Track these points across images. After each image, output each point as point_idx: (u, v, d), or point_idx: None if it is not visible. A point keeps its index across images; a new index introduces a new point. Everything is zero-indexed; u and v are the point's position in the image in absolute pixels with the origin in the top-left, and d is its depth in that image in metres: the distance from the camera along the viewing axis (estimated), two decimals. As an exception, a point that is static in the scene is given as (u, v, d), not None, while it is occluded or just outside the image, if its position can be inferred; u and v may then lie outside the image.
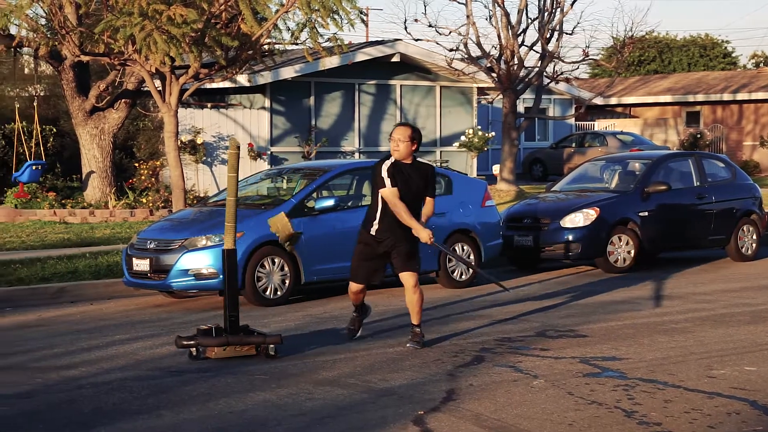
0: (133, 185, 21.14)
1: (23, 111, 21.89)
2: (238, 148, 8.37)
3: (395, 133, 8.79)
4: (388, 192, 8.65)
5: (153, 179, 21.59)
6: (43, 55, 18.06)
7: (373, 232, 8.81)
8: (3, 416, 6.70)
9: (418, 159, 8.94)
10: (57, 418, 6.65)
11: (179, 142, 18.45)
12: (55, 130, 24.03)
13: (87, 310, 11.52)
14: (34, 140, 21.50)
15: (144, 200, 19.98)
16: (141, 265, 11.62)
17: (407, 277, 8.76)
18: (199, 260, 11.30)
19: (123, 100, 20.00)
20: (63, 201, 19.75)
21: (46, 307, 11.63)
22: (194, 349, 8.34)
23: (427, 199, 8.84)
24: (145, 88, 19.33)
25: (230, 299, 8.48)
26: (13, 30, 18.02)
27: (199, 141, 22.57)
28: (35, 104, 21.73)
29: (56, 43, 16.71)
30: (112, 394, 7.26)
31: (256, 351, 8.40)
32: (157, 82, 16.69)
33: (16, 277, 12.57)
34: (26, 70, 28.90)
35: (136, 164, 22.42)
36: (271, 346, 8.37)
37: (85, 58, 17.44)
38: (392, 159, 8.76)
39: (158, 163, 22.09)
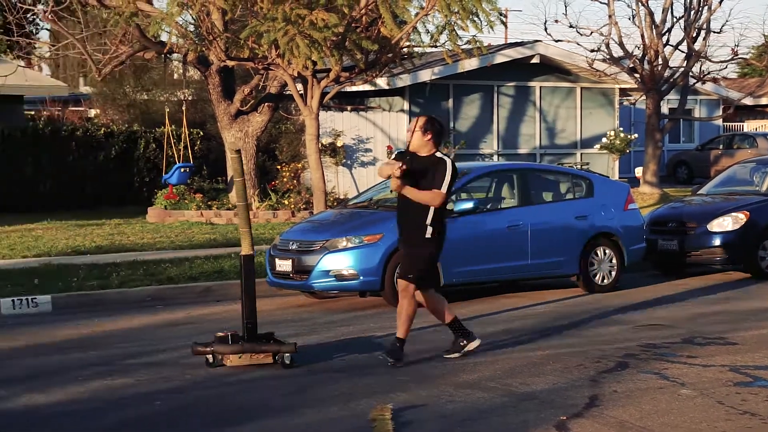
0: (275, 187, 21.55)
1: (172, 115, 22.57)
2: (238, 152, 8.58)
3: (411, 123, 8.39)
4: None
5: (294, 181, 21.96)
6: (191, 60, 18.60)
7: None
8: (159, 411, 6.93)
9: (437, 154, 8.34)
10: (209, 414, 6.84)
11: (320, 145, 18.71)
12: (202, 133, 24.70)
13: (231, 309, 11.78)
14: (182, 143, 22.13)
15: (286, 202, 20.34)
16: (283, 265, 11.83)
17: (399, 283, 8.45)
18: (340, 261, 11.43)
19: (266, 104, 20.41)
20: (209, 202, 20.28)
21: (193, 305, 11.97)
22: (210, 356, 8.26)
23: (434, 189, 8.22)
24: (288, 92, 19.67)
25: (248, 306, 8.36)
26: (163, 37, 18.64)
27: (339, 144, 22.85)
28: (184, 108, 22.37)
29: (203, 48, 17.18)
30: (256, 391, 7.42)
31: (273, 360, 8.24)
32: (299, 86, 16.97)
33: (166, 276, 12.98)
34: (175, 76, 29.82)
35: (279, 167, 22.85)
36: (287, 354, 8.19)
37: (230, 63, 17.88)
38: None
39: (300, 165, 22.46)
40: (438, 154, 8.30)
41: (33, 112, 32.29)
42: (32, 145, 21.63)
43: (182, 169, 20.65)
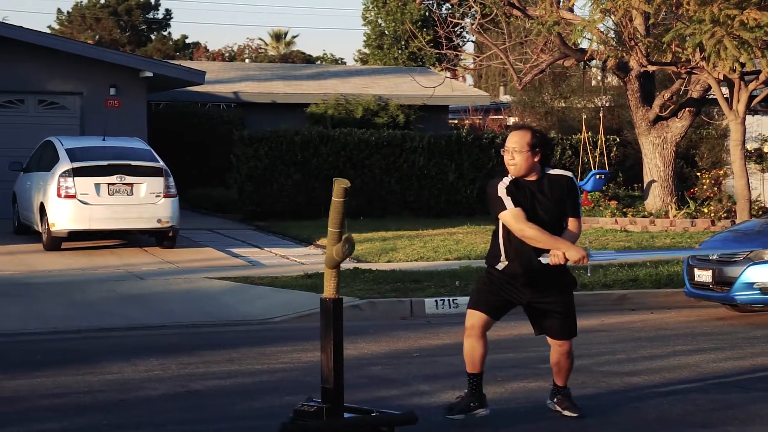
0: (694, 195, 20.86)
1: (589, 122, 22.57)
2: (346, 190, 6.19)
3: (508, 140, 6.47)
4: (509, 215, 6.38)
5: (715, 189, 21.12)
6: (610, 66, 18.49)
7: (500, 267, 6.54)
8: (570, 419, 6.92)
9: (550, 171, 6.55)
10: (622, 423, 6.73)
11: (745, 151, 17.84)
12: (618, 139, 24.48)
13: (648, 318, 11.56)
14: (598, 150, 22.07)
15: (705, 210, 19.61)
16: (703, 276, 11.41)
17: (563, 345, 6.81)
18: (765, 274, 10.83)
19: (687, 109, 19.81)
20: (624, 209, 20.04)
21: (608, 312, 11.87)
22: None
23: (570, 219, 6.61)
24: (711, 96, 18.98)
25: (334, 362, 5.95)
26: (584, 44, 18.72)
27: (765, 149, 21.66)
28: (601, 115, 22.30)
29: (624, 54, 17.02)
30: (675, 405, 7.19)
31: None
32: (724, 90, 16.30)
33: (580, 283, 12.98)
34: (593, 83, 29.82)
35: (698, 173, 22.09)
36: None
37: (651, 68, 17.56)
38: (510, 177, 6.50)
39: (721, 172, 21.56)
40: (553, 172, 6.56)
41: (456, 121, 33.79)
42: (455, 152, 22.59)
43: (597, 176, 20.58)
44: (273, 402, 7.13)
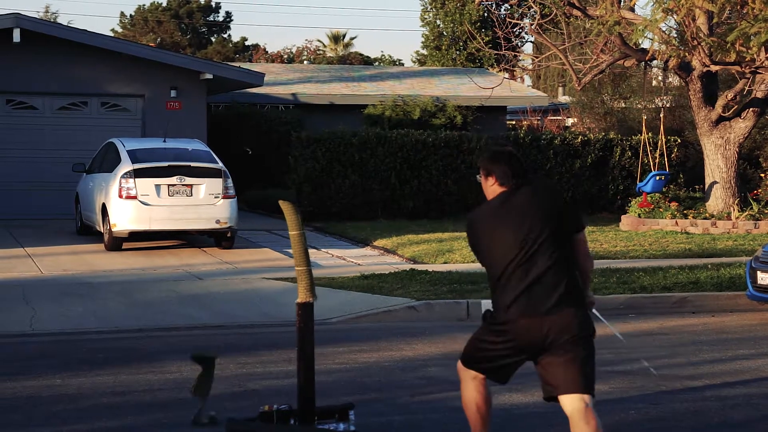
0: (757, 196, 20.54)
1: (649, 122, 22.35)
2: (294, 204, 6.18)
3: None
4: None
5: (779, 191, 20.78)
6: (672, 66, 18.28)
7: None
8: (633, 420, 6.86)
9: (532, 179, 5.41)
10: (681, 427, 6.65)
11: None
12: (679, 140, 24.20)
13: (708, 321, 11.40)
14: (658, 151, 21.83)
15: (768, 212, 19.30)
16: (766, 279, 11.23)
17: (578, 401, 5.10)
18: (830, 278, 10.62)
19: (750, 109, 19.51)
20: (685, 211, 19.79)
21: (667, 315, 11.72)
22: None
23: (577, 237, 5.28)
24: (775, 97, 18.68)
25: (304, 371, 6.03)
26: (645, 44, 18.53)
27: (830, 151, 21.26)
28: (661, 115, 22.06)
29: (686, 54, 16.81)
30: (737, 409, 7.08)
31: None
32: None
33: (639, 285, 12.85)
34: (653, 83, 29.51)
35: (762, 175, 21.75)
36: None
37: (714, 68, 17.33)
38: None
39: (785, 174, 21.23)
40: (535, 179, 5.45)
41: (514, 122, 33.63)
42: (513, 153, 22.48)
43: (657, 177, 20.35)
44: (328, 402, 7.15)
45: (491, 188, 5.36)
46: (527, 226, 5.14)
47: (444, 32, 42.61)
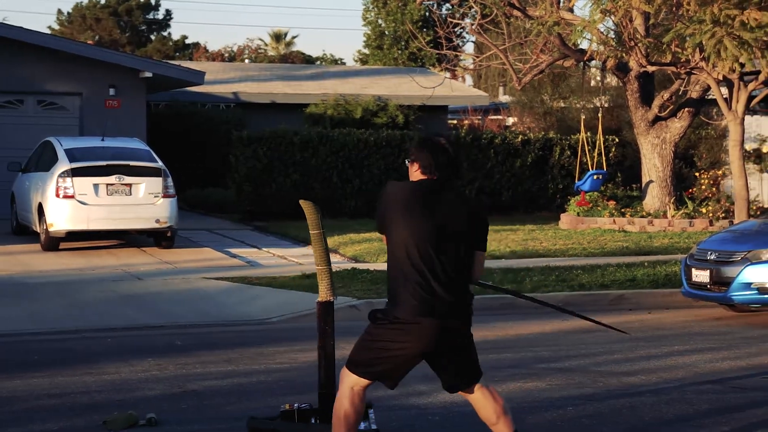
0: (692, 195, 20.86)
1: (588, 122, 22.57)
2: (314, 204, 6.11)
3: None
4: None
5: (713, 189, 21.12)
6: (610, 67, 18.50)
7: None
8: (570, 417, 6.94)
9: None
10: (617, 422, 6.74)
11: (743, 151, 17.84)
12: (617, 140, 24.49)
13: (645, 318, 11.56)
14: (597, 150, 22.06)
15: (703, 210, 19.61)
16: (700, 276, 11.42)
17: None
18: (763, 274, 10.84)
19: (686, 109, 19.81)
20: (622, 210, 20.04)
21: (605, 313, 11.83)
22: None
23: (477, 255, 5.29)
24: (710, 97, 18.98)
25: (325, 368, 6.01)
26: (583, 45, 18.72)
27: (764, 150, 21.66)
28: (600, 115, 22.30)
29: (623, 54, 17.02)
30: (671, 404, 7.20)
31: None
32: (723, 90, 16.31)
33: (578, 283, 12.99)
34: (592, 83, 29.82)
35: (697, 174, 22.10)
36: None
37: (650, 69, 17.57)
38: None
39: (719, 172, 21.56)
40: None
41: (455, 121, 33.79)
42: (453, 152, 22.60)
43: (595, 176, 20.58)
44: (270, 402, 7.14)
45: (414, 174, 5.33)
46: (438, 224, 5.12)
47: (386, 32, 42.68)
